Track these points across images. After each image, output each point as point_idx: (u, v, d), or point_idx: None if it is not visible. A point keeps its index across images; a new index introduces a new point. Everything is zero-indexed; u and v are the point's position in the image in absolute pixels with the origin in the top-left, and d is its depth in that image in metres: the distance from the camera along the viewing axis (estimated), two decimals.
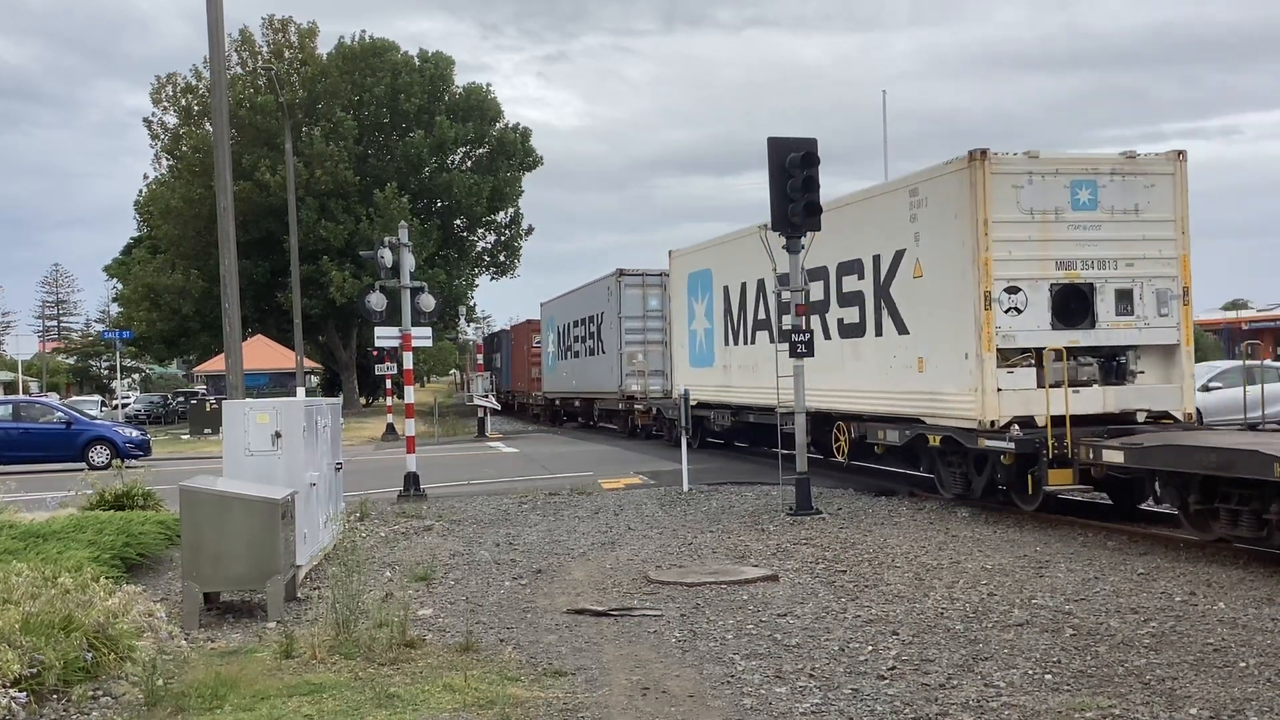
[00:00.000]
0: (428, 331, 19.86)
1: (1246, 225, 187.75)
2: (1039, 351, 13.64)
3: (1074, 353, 13.83)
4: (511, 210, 59.69)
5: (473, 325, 56.88)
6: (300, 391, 33.45)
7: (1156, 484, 12.58)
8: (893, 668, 7.48)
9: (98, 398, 66.74)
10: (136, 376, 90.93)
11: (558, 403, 41.11)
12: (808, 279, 16.22)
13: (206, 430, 40.77)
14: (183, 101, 54.43)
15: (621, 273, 30.29)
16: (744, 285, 21.08)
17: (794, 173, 14.96)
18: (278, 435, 11.01)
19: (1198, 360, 16.52)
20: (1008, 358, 13.73)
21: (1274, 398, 20.66)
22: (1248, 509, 10.76)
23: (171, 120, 55.41)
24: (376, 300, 18.33)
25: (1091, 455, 12.64)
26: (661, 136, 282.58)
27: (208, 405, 42.06)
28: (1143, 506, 13.93)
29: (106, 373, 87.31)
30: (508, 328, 53.23)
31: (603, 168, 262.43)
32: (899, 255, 15.49)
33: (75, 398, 66.31)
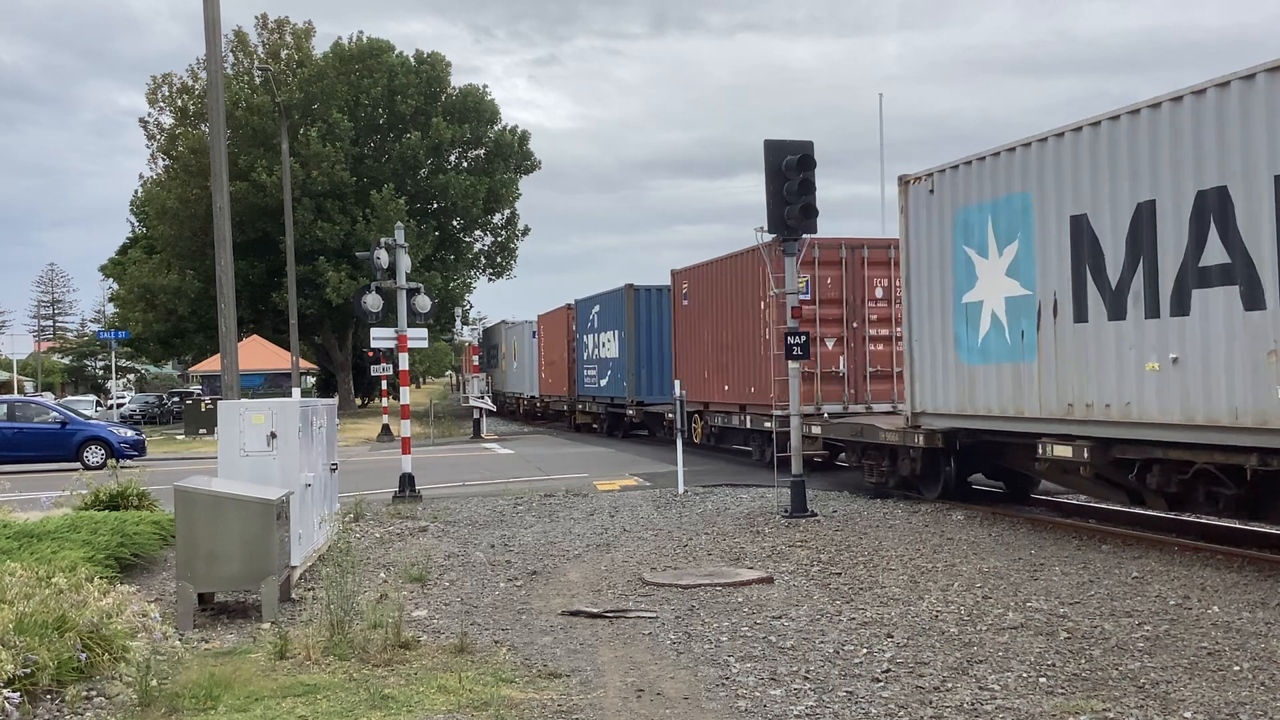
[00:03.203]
0: (423, 333, 19.85)
1: None
2: None
3: None
4: (508, 212, 59.77)
5: (469, 327, 56.41)
6: (296, 392, 33.33)
7: None
8: (887, 670, 7.48)
9: (93, 397, 66.68)
10: (132, 376, 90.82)
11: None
12: None
13: (202, 430, 40.74)
14: (178, 102, 54.37)
15: None
16: None
17: (790, 175, 14.96)
18: (273, 436, 10.99)
19: None
20: None
21: None
22: None
23: (167, 120, 55.39)
24: (372, 301, 18.31)
25: None
26: (653, 138, 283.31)
27: (203, 405, 42.01)
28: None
29: (101, 373, 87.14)
30: (653, 285, 29.65)
31: (595, 170, 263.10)
32: None
33: (70, 397, 66.23)
